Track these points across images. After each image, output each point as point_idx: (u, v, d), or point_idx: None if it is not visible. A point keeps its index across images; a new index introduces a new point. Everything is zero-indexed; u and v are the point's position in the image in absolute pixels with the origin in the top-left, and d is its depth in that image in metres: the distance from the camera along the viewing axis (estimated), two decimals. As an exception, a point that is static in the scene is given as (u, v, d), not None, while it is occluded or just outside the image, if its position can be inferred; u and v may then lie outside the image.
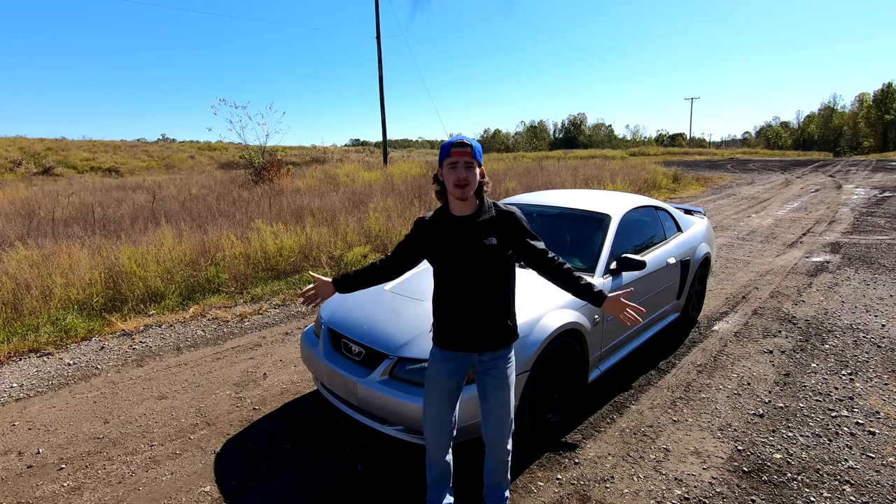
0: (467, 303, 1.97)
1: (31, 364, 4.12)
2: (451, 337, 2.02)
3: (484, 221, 1.94)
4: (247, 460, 2.81)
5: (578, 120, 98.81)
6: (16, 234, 7.17)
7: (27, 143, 31.33)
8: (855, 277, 6.08)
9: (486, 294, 1.97)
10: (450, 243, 1.94)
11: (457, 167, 1.86)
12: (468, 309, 1.97)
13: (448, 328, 2.02)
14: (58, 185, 19.13)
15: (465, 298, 1.96)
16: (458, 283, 1.96)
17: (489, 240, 1.92)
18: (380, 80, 21.01)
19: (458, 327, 2.00)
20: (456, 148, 1.86)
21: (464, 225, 1.94)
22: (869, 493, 2.44)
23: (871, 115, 66.15)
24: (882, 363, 3.81)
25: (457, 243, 1.93)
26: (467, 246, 1.92)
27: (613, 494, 2.48)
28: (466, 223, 1.94)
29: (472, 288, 1.96)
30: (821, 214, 11.03)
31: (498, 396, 2.04)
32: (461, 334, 2.00)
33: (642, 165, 21.35)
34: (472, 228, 1.93)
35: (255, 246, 6.69)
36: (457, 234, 1.94)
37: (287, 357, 4.16)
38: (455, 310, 1.99)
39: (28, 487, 2.63)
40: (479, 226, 1.93)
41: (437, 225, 1.99)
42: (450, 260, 1.95)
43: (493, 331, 2.00)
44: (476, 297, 1.96)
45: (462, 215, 1.95)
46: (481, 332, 1.99)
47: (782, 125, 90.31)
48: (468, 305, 1.97)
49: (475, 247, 1.92)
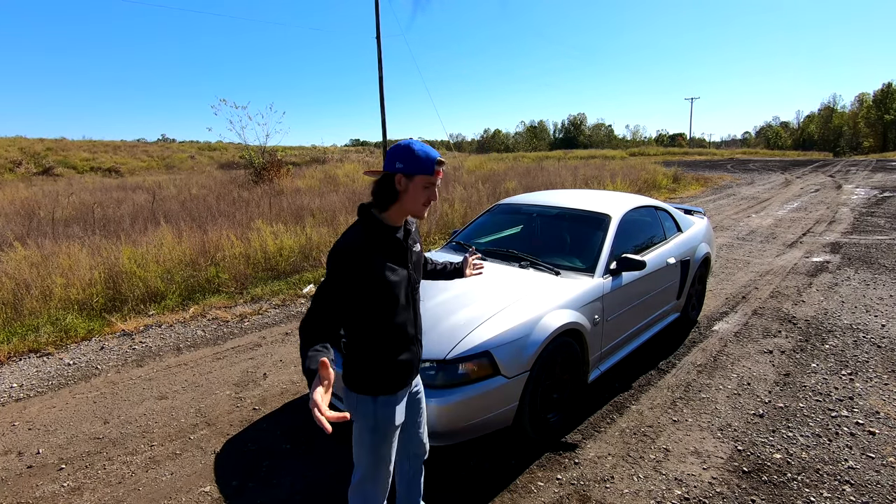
0: (418, 322, 1.83)
1: (31, 364, 4.12)
2: (409, 370, 1.80)
3: (410, 229, 1.79)
4: (247, 460, 2.81)
5: (578, 120, 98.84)
6: (15, 235, 7.17)
7: (27, 143, 31.36)
8: (855, 277, 6.08)
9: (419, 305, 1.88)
10: (398, 259, 1.70)
11: (432, 187, 1.66)
12: (418, 329, 1.83)
13: (406, 363, 1.78)
14: (58, 185, 19.14)
15: (416, 318, 1.82)
16: (410, 303, 1.76)
17: (417, 246, 1.83)
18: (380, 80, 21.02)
19: (414, 356, 1.81)
20: (439, 167, 1.65)
21: (402, 236, 1.74)
22: (869, 493, 2.44)
23: (871, 115, 66.17)
24: (882, 363, 3.82)
25: (403, 257, 1.73)
26: (410, 257, 1.76)
27: (613, 494, 2.48)
28: (403, 234, 1.75)
29: (418, 303, 1.84)
30: (821, 214, 11.03)
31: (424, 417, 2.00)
32: (415, 362, 1.82)
33: (642, 165, 21.36)
34: (406, 238, 1.76)
35: (255, 246, 6.70)
36: (400, 248, 1.72)
37: (287, 357, 4.16)
38: (411, 338, 1.78)
39: (28, 487, 2.63)
40: (409, 234, 1.78)
41: (378, 245, 1.66)
42: (402, 278, 1.70)
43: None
44: (419, 313, 1.86)
45: (398, 226, 1.73)
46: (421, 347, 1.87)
47: (782, 125, 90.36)
48: (418, 325, 1.83)
49: (414, 256, 1.79)
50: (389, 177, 1.63)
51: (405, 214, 1.70)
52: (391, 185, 1.64)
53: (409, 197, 1.64)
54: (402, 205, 1.66)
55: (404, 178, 1.62)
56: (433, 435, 2.51)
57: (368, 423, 1.74)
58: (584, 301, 3.04)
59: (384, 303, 1.66)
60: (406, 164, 1.61)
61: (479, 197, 10.77)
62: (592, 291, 3.14)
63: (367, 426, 1.74)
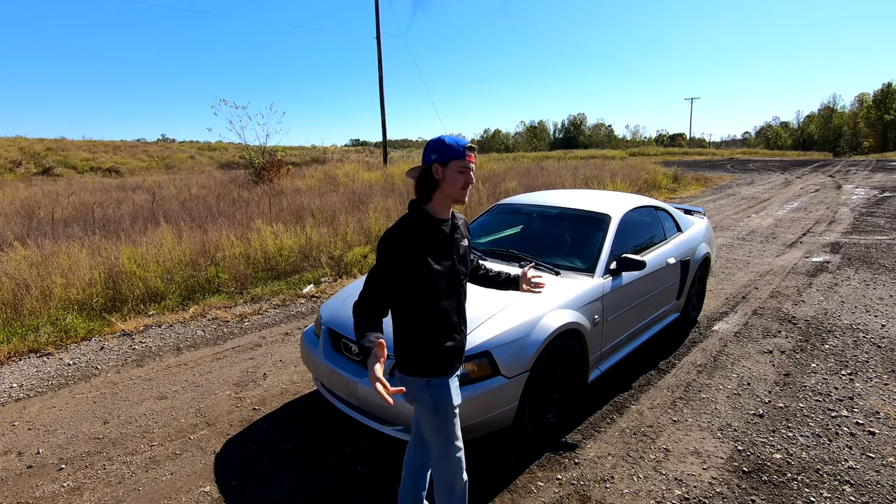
0: (462, 311, 1.92)
1: (31, 364, 4.12)
2: (458, 355, 1.92)
3: (457, 223, 1.90)
4: (247, 460, 2.81)
5: (578, 120, 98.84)
6: (15, 235, 7.17)
7: (27, 143, 31.35)
8: (855, 277, 6.08)
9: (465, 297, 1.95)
10: (442, 249, 1.82)
11: (467, 171, 1.79)
12: (463, 318, 1.92)
13: (454, 348, 1.88)
14: (57, 185, 19.13)
15: (461, 307, 1.91)
16: (455, 292, 1.86)
17: (464, 241, 1.92)
18: (380, 80, 21.03)
19: (460, 342, 1.92)
20: (470, 152, 1.79)
21: (447, 228, 1.85)
22: (869, 493, 2.44)
23: (871, 115, 66.18)
24: (882, 363, 3.82)
25: (448, 248, 1.84)
26: (456, 249, 1.87)
27: (613, 494, 2.48)
28: (448, 226, 1.86)
29: (463, 294, 1.92)
30: (821, 214, 11.03)
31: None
32: (462, 348, 1.93)
33: (642, 165, 21.35)
34: (453, 231, 1.87)
35: (255, 246, 6.70)
36: (445, 239, 1.84)
37: (287, 357, 4.16)
38: (456, 324, 1.89)
39: (28, 487, 2.62)
40: (456, 227, 1.89)
41: (422, 233, 1.79)
42: (446, 268, 1.82)
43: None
44: (464, 304, 1.93)
45: (444, 218, 1.85)
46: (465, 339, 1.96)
47: (782, 125, 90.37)
48: (463, 314, 1.92)
49: (461, 249, 1.89)
50: (427, 169, 1.79)
51: (448, 202, 1.82)
52: (430, 176, 1.79)
53: (448, 183, 1.77)
54: (442, 192, 1.79)
55: (440, 167, 1.77)
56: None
57: (428, 406, 1.86)
58: (584, 301, 3.04)
59: (427, 289, 1.78)
60: (439, 154, 1.77)
61: (478, 197, 10.77)
62: (592, 291, 3.14)
63: (428, 408, 1.86)
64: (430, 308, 1.80)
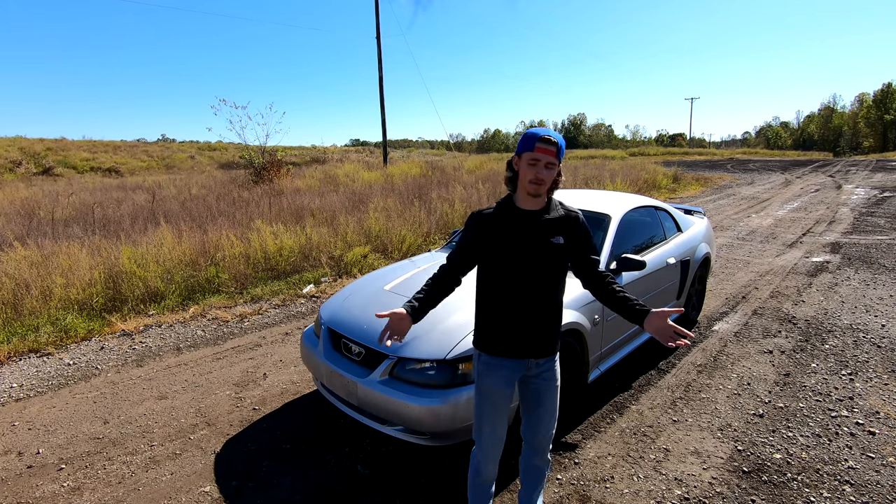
0: (528, 304, 1.86)
1: (31, 364, 4.12)
2: (509, 342, 1.90)
3: (552, 219, 1.85)
4: (247, 460, 2.81)
5: (578, 120, 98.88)
6: (15, 235, 7.17)
7: (27, 143, 31.34)
8: (855, 277, 6.08)
9: (546, 295, 1.88)
10: (516, 238, 1.83)
11: (537, 165, 1.76)
12: (529, 311, 1.87)
13: (505, 333, 1.89)
14: (58, 185, 19.13)
15: (527, 300, 1.86)
16: (520, 282, 1.85)
17: (556, 238, 1.84)
18: (380, 80, 21.02)
19: (516, 331, 1.88)
20: (541, 144, 1.74)
21: (531, 220, 1.84)
22: (869, 493, 2.44)
23: (871, 115, 66.15)
24: (882, 363, 3.82)
25: (523, 238, 1.83)
26: (534, 242, 1.83)
27: (613, 494, 2.48)
28: (533, 218, 1.84)
29: (534, 288, 1.86)
30: (821, 214, 11.03)
31: (552, 398, 1.98)
32: (520, 339, 1.89)
33: (642, 165, 21.34)
34: (539, 225, 1.84)
35: (255, 246, 6.69)
36: (524, 229, 1.83)
37: (287, 357, 4.16)
38: (514, 312, 1.87)
39: (28, 487, 2.62)
40: (547, 223, 1.84)
41: (501, 218, 1.86)
42: (514, 255, 1.83)
43: (551, 334, 1.92)
44: (537, 299, 1.86)
45: (529, 209, 1.85)
46: (540, 335, 1.90)
47: (782, 125, 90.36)
48: (529, 307, 1.87)
49: (542, 244, 1.83)
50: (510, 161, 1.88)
51: (525, 194, 1.84)
52: (511, 167, 1.87)
53: (521, 175, 1.81)
54: (520, 183, 1.84)
55: (518, 159, 1.83)
56: (434, 435, 2.52)
57: (474, 380, 1.97)
58: (584, 301, 3.04)
59: (490, 266, 1.89)
60: (518, 147, 1.83)
61: (479, 197, 10.77)
62: (592, 291, 3.14)
63: (474, 383, 2.00)
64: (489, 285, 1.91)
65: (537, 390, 1.96)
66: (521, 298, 1.86)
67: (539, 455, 2.07)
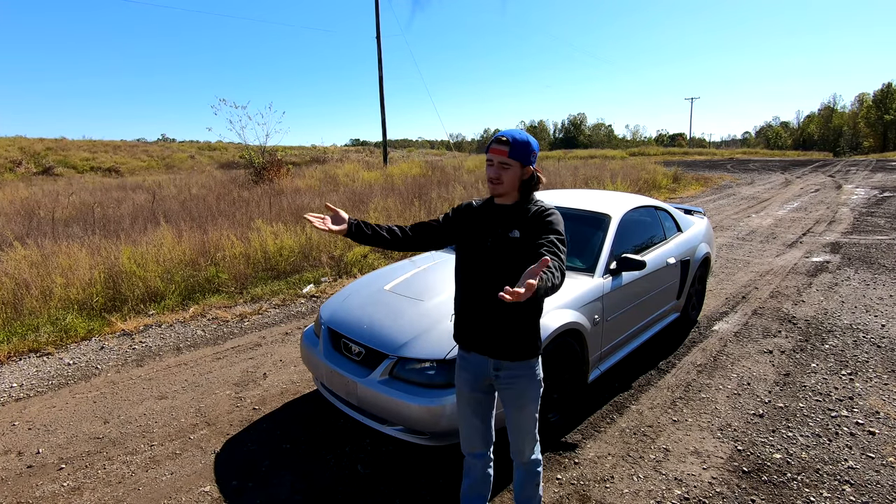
0: (481, 296, 1.87)
1: (31, 364, 4.12)
2: (466, 334, 1.96)
3: (512, 214, 1.87)
4: (247, 460, 2.81)
5: (578, 120, 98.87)
6: (15, 234, 7.17)
7: (27, 143, 31.32)
8: (855, 277, 6.08)
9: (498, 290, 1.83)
10: (474, 229, 1.92)
11: (492, 165, 1.84)
12: (482, 303, 1.87)
13: (462, 323, 1.98)
14: (58, 185, 19.12)
15: (479, 291, 1.87)
16: (473, 272, 1.91)
17: (513, 232, 1.83)
18: (380, 80, 21.02)
19: (471, 323, 1.93)
20: (494, 145, 1.82)
21: (496, 213, 1.90)
22: (869, 493, 2.44)
23: (871, 115, 66.11)
24: (882, 363, 3.82)
25: (480, 230, 1.90)
26: (490, 234, 1.87)
27: (613, 494, 2.48)
28: (499, 212, 1.90)
29: (486, 280, 1.85)
30: (821, 214, 11.03)
31: (515, 416, 1.94)
32: (474, 332, 1.92)
33: (642, 165, 21.34)
34: (501, 218, 1.88)
35: (255, 246, 6.69)
36: (483, 222, 1.91)
37: (287, 357, 4.16)
38: (467, 301, 1.94)
39: (28, 487, 2.63)
40: (507, 217, 1.87)
41: (478, 211, 1.98)
42: (469, 245, 1.93)
43: (506, 336, 1.86)
44: (488, 292, 1.82)
45: (501, 205, 1.92)
46: (497, 332, 1.87)
47: (782, 125, 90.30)
48: (482, 299, 1.87)
49: (497, 236, 1.85)
50: None
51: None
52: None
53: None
54: None
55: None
56: (433, 434, 2.52)
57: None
58: (584, 301, 3.04)
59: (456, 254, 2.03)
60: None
61: (479, 197, 10.76)
62: (592, 291, 3.14)
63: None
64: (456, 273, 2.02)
65: (503, 400, 1.97)
66: (474, 289, 1.92)
67: (517, 466, 2.09)
